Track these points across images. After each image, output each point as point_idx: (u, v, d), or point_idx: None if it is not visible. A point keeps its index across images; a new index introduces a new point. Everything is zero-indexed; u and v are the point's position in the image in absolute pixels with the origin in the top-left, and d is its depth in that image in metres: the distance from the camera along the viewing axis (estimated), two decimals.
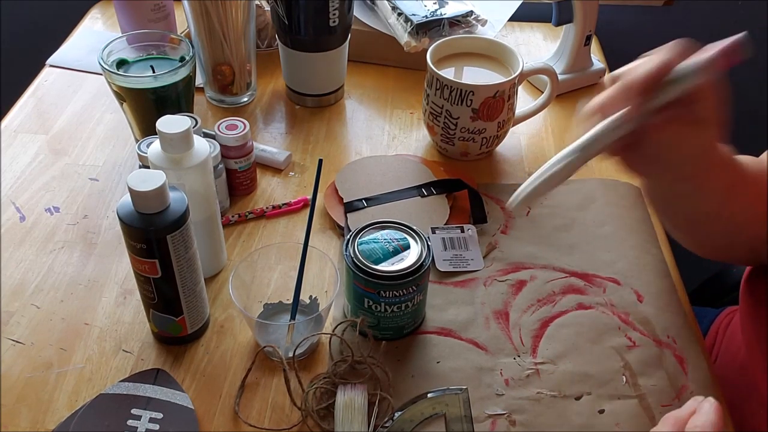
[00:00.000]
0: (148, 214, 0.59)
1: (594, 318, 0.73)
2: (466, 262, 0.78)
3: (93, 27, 1.17)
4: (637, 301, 0.74)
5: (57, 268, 0.77)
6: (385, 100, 1.04)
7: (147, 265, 0.62)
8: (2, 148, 0.92)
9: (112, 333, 0.71)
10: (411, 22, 1.01)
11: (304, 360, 0.69)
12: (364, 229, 0.69)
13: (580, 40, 1.01)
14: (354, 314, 0.70)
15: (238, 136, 0.81)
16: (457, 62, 0.92)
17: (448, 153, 0.93)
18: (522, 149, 0.95)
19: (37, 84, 1.04)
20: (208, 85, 1.00)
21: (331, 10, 0.91)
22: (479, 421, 0.64)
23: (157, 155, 0.66)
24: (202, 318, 0.70)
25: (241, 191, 0.86)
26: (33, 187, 0.87)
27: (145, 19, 0.99)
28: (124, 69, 0.83)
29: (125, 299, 0.74)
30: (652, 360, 0.69)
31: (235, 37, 0.93)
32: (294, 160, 0.93)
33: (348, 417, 0.62)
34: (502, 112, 0.87)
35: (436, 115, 0.89)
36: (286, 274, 0.71)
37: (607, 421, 0.64)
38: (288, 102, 1.03)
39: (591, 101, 0.57)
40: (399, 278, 0.65)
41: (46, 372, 0.67)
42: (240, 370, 0.68)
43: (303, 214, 0.85)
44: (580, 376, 0.67)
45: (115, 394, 0.64)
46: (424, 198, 0.84)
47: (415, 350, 0.70)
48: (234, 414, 0.64)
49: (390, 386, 0.66)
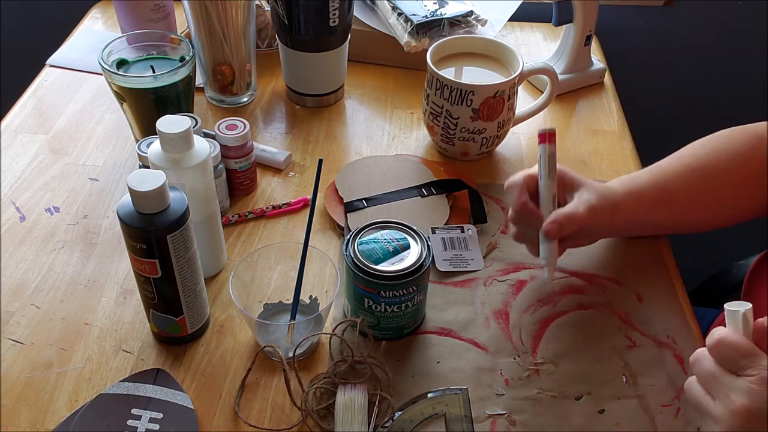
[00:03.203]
0: (148, 214, 0.59)
1: (594, 318, 0.73)
2: (466, 262, 0.78)
3: (93, 27, 1.17)
4: (637, 302, 0.74)
5: (57, 268, 0.77)
6: (385, 100, 1.04)
7: (147, 265, 0.62)
8: (2, 148, 0.92)
9: (112, 333, 0.71)
10: (411, 22, 1.01)
11: (304, 360, 0.69)
12: (364, 229, 0.69)
13: (580, 40, 1.01)
14: (354, 314, 0.70)
15: (238, 136, 0.81)
16: (457, 62, 0.92)
17: (448, 153, 0.93)
18: (522, 149, 0.95)
19: (37, 84, 1.04)
20: (208, 85, 1.00)
21: (331, 10, 0.91)
22: (479, 421, 0.64)
23: (157, 155, 0.66)
24: (202, 318, 0.70)
25: (241, 191, 0.86)
26: (33, 187, 0.87)
27: (145, 19, 0.99)
28: (124, 69, 0.83)
29: (125, 299, 0.74)
30: (652, 360, 0.69)
31: (235, 37, 0.93)
32: (294, 160, 0.93)
33: (348, 417, 0.62)
34: (502, 112, 0.87)
35: (436, 115, 0.89)
36: (286, 274, 0.71)
37: (607, 421, 0.64)
38: (288, 102, 1.03)
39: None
40: (399, 278, 0.65)
41: (46, 372, 0.67)
42: (240, 370, 0.68)
43: (303, 214, 0.85)
44: (580, 376, 0.67)
45: (115, 394, 0.64)
46: (424, 198, 0.84)
47: (415, 350, 0.70)
48: (234, 414, 0.64)
49: (390, 386, 0.66)
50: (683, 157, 0.76)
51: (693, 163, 0.75)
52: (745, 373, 0.51)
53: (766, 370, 0.50)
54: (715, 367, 0.53)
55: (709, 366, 0.54)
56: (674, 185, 0.74)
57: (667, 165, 0.76)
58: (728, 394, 0.51)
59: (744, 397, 0.50)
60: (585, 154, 0.94)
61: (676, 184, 0.74)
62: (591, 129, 0.99)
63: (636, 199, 0.73)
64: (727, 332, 0.53)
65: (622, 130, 0.99)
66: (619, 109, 1.03)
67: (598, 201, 0.69)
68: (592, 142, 0.96)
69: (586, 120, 1.01)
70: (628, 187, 0.73)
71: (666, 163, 0.76)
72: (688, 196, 0.74)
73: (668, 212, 0.74)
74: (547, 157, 0.68)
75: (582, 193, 0.70)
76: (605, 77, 1.08)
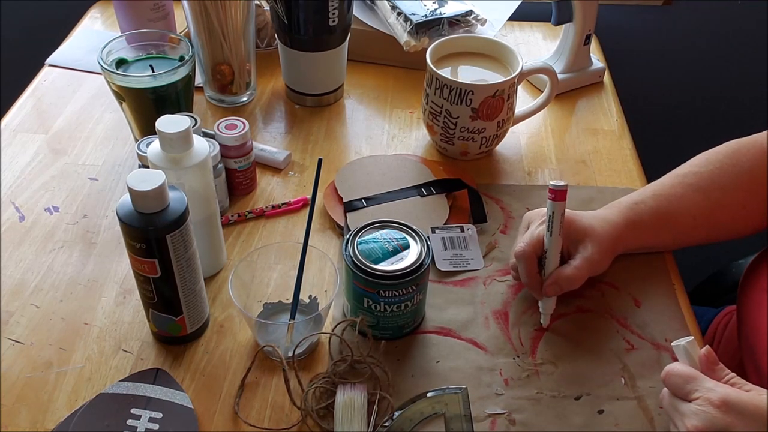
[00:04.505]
0: (147, 213, 0.59)
1: (592, 321, 0.73)
2: (466, 262, 0.78)
3: (92, 27, 1.17)
4: (634, 306, 0.74)
5: (56, 268, 0.77)
6: (384, 99, 1.04)
7: (146, 265, 0.62)
8: (2, 147, 0.92)
9: (111, 333, 0.71)
10: (410, 21, 1.01)
11: (303, 359, 0.69)
12: (363, 229, 0.69)
13: (580, 40, 1.01)
14: (354, 314, 0.70)
15: (238, 136, 0.81)
16: (456, 62, 0.92)
17: (448, 152, 0.93)
18: (521, 149, 0.95)
19: (37, 84, 1.04)
20: (207, 85, 1.00)
21: (331, 9, 0.91)
22: (479, 420, 0.64)
23: (156, 155, 0.66)
24: (201, 318, 0.70)
25: (240, 191, 0.86)
26: (32, 187, 0.87)
27: (145, 18, 0.99)
28: (124, 68, 0.83)
29: (125, 299, 0.74)
30: (650, 362, 0.69)
31: (234, 36, 0.93)
32: (293, 159, 0.93)
33: (348, 416, 0.62)
34: (502, 111, 0.87)
35: (436, 115, 0.89)
36: (286, 274, 0.71)
37: (606, 422, 0.64)
38: (287, 101, 1.03)
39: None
40: (398, 278, 0.65)
41: (45, 372, 0.67)
42: (240, 370, 0.68)
43: (303, 214, 0.85)
44: (579, 377, 0.67)
45: (115, 393, 0.64)
46: (423, 198, 0.84)
47: (414, 350, 0.70)
48: (234, 413, 0.64)
49: (390, 386, 0.66)
50: (687, 176, 0.76)
51: (696, 182, 0.75)
52: (692, 397, 0.57)
53: (709, 392, 0.56)
54: (670, 398, 0.59)
55: (666, 397, 0.60)
56: (676, 209, 0.74)
57: (669, 185, 0.76)
58: (682, 420, 0.57)
59: (694, 419, 0.56)
60: (584, 153, 0.94)
61: (679, 208, 0.74)
62: (590, 128, 0.99)
63: (638, 229, 0.74)
64: (675, 364, 0.60)
65: (621, 130, 0.99)
66: (619, 109, 1.03)
67: (600, 255, 0.71)
68: (592, 141, 0.96)
69: (586, 119, 1.01)
70: (630, 217, 0.74)
71: (669, 181, 0.76)
72: (690, 219, 0.75)
73: (670, 235, 0.76)
74: (555, 214, 0.68)
75: (586, 247, 0.71)
76: (605, 77, 1.08)
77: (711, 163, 0.76)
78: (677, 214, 0.74)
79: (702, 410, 0.55)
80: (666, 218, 0.74)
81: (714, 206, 0.74)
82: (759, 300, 0.73)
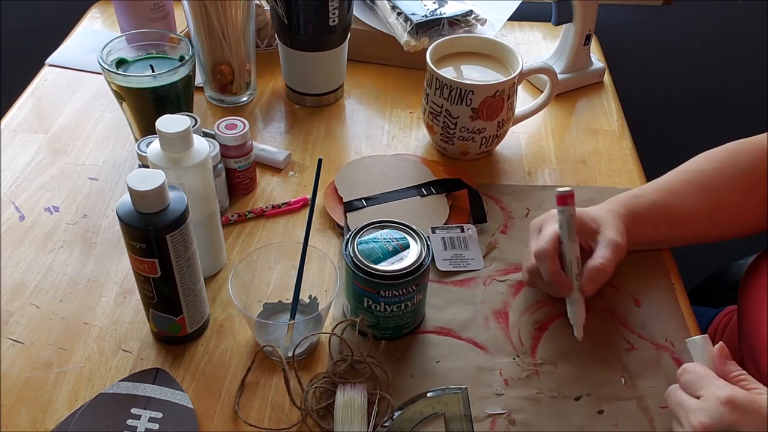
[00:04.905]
0: (147, 213, 0.59)
1: (592, 320, 0.72)
2: (466, 262, 0.78)
3: (92, 26, 1.17)
4: (634, 306, 0.74)
5: (56, 268, 0.77)
6: (384, 99, 1.04)
7: (146, 265, 0.62)
8: (2, 147, 0.92)
9: (111, 332, 0.71)
10: (411, 21, 1.01)
11: (303, 359, 0.69)
12: (363, 229, 0.69)
13: (580, 40, 1.01)
14: (354, 314, 0.70)
15: (238, 136, 0.81)
16: (456, 61, 0.92)
17: (448, 152, 0.93)
18: (521, 149, 0.95)
19: (37, 83, 1.04)
20: (207, 85, 1.00)
21: (331, 9, 0.91)
22: (479, 420, 0.64)
23: (156, 155, 0.66)
24: (201, 317, 0.70)
25: (240, 191, 0.86)
26: (32, 187, 0.87)
27: (145, 18, 0.99)
28: (124, 68, 0.83)
29: (125, 299, 0.74)
30: (651, 363, 0.69)
31: (234, 36, 0.93)
32: (293, 159, 0.93)
33: (348, 416, 0.62)
34: (502, 111, 0.87)
35: (436, 115, 0.89)
36: (286, 274, 0.71)
37: (606, 422, 0.64)
38: (287, 101, 1.03)
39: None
40: (398, 278, 0.65)
41: (45, 372, 0.67)
42: (240, 370, 0.68)
43: (303, 214, 0.85)
44: (579, 378, 0.67)
45: (115, 393, 0.64)
46: (423, 197, 0.84)
47: (414, 350, 0.70)
48: (234, 413, 0.64)
49: (390, 386, 0.66)
50: (688, 173, 0.76)
51: (697, 180, 0.75)
52: (700, 393, 0.58)
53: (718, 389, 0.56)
54: (676, 394, 0.60)
55: (672, 395, 0.61)
56: (677, 203, 0.75)
57: (669, 181, 0.76)
58: (688, 416, 0.57)
59: (701, 415, 0.56)
60: (584, 153, 0.94)
61: (679, 202, 0.75)
62: (590, 128, 0.99)
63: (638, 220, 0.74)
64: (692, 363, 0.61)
65: (621, 130, 0.99)
66: (619, 109, 1.03)
67: (620, 236, 0.70)
68: (592, 141, 0.96)
69: (586, 119, 1.01)
70: (630, 209, 0.74)
71: (669, 178, 0.77)
72: (690, 214, 0.75)
73: (670, 229, 0.76)
74: (566, 219, 0.67)
75: (604, 235, 0.70)
76: (605, 77, 1.08)
77: (711, 162, 0.76)
78: (677, 208, 0.74)
79: (709, 406, 0.56)
80: (666, 211, 0.74)
81: (714, 204, 0.75)
82: (759, 299, 0.73)
